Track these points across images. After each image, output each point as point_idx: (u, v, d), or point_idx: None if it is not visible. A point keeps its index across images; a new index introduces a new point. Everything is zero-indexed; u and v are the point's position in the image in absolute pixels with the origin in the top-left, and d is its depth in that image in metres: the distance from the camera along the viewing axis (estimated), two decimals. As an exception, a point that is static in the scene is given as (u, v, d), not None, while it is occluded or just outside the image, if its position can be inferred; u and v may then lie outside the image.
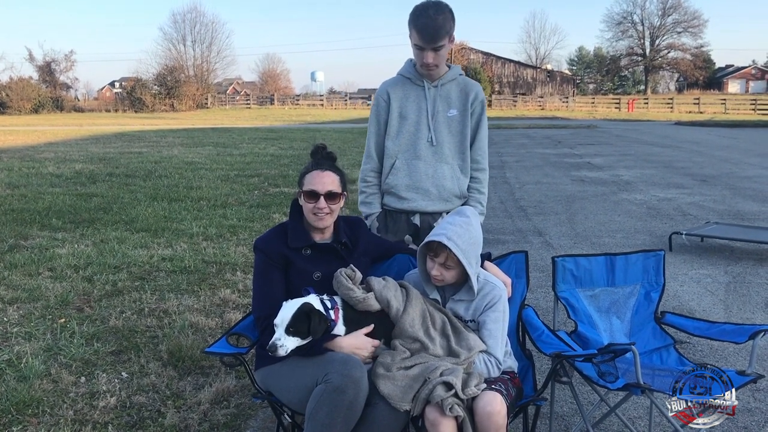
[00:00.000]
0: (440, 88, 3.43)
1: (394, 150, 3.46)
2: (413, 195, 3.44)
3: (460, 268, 2.70)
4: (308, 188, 2.87)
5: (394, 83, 3.51)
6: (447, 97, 3.44)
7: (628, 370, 2.85)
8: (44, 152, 18.14)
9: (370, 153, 3.55)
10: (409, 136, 3.44)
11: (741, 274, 6.31)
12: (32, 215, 8.82)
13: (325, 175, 2.89)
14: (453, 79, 3.46)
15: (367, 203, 3.55)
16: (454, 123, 3.45)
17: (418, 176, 3.42)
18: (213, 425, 3.40)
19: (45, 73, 61.22)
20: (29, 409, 3.53)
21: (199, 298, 5.40)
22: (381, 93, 3.51)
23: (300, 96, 71.97)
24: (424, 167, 3.43)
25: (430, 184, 3.42)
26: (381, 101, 3.50)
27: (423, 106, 3.43)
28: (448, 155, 3.44)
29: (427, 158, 3.43)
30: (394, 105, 3.45)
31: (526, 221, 9.09)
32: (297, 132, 28.05)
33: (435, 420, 2.43)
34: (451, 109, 3.44)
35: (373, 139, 3.53)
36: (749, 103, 50.75)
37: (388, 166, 3.48)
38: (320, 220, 2.87)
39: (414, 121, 3.44)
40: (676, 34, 79.87)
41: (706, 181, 12.95)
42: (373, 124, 3.54)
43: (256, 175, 13.34)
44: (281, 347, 2.51)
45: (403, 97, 3.46)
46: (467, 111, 3.45)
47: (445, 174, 3.43)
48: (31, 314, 4.98)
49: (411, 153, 3.44)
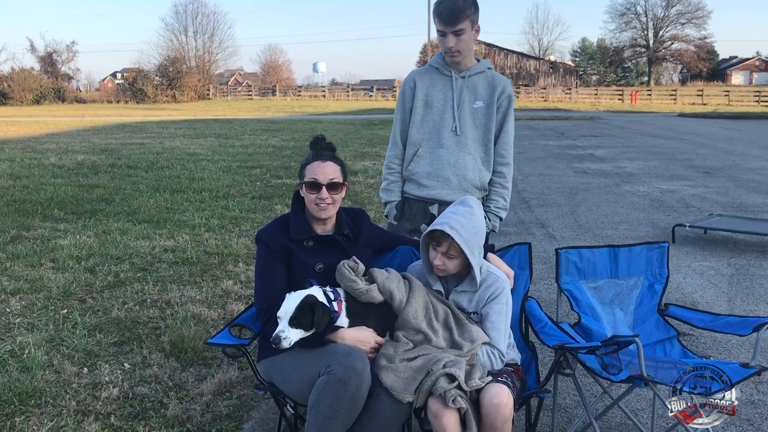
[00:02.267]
0: (467, 79, 3.43)
1: (417, 138, 3.48)
2: (434, 183, 3.44)
3: (462, 257, 2.69)
4: (310, 178, 2.85)
5: (422, 72, 3.53)
6: (474, 89, 3.44)
7: (632, 362, 2.84)
8: (46, 143, 18.14)
9: (396, 140, 3.57)
10: (434, 124, 3.45)
11: (744, 267, 6.30)
12: (34, 206, 8.83)
13: (326, 166, 2.88)
14: (481, 71, 3.46)
15: (388, 190, 3.57)
16: (479, 115, 3.44)
17: (440, 164, 3.43)
18: (215, 416, 3.41)
19: (47, 64, 61.20)
20: (32, 399, 3.54)
21: (202, 289, 5.40)
22: (408, 80, 3.53)
23: (302, 87, 71.92)
24: (447, 156, 3.42)
25: (451, 173, 3.42)
26: (407, 88, 3.52)
27: (449, 96, 3.43)
28: (471, 146, 3.44)
29: (450, 147, 3.43)
30: (419, 93, 3.46)
31: (529, 213, 9.07)
32: (299, 123, 28.00)
33: (438, 412, 2.42)
34: (477, 101, 3.44)
35: (399, 126, 3.55)
36: (753, 95, 50.54)
37: (411, 154, 3.49)
38: (322, 211, 2.86)
39: (439, 109, 3.44)
40: (680, 26, 79.69)
41: (710, 173, 12.91)
42: (399, 111, 3.56)
43: (258, 167, 13.32)
44: (285, 339, 2.51)
45: (430, 86, 3.47)
46: (493, 104, 3.44)
47: (467, 164, 3.43)
48: (34, 305, 4.99)
49: (435, 141, 3.44)
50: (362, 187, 10.89)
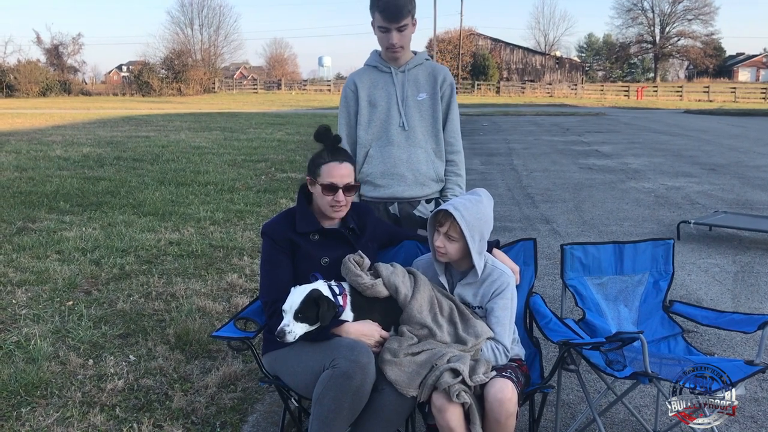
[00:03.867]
0: (407, 72, 3.43)
1: (366, 139, 3.45)
2: (389, 181, 3.42)
3: (463, 242, 2.69)
4: (327, 181, 2.82)
5: (361, 73, 3.50)
6: (415, 81, 3.44)
7: (636, 358, 2.84)
8: (52, 135, 18.18)
9: (343, 145, 3.53)
10: (381, 123, 3.43)
11: (749, 264, 6.29)
12: (40, 198, 8.86)
13: (343, 167, 2.85)
14: (420, 63, 3.46)
15: None
16: (424, 107, 3.44)
17: (393, 162, 3.41)
18: (220, 409, 3.42)
19: (53, 56, 61.22)
20: (38, 390, 3.56)
21: (206, 282, 5.42)
22: (348, 84, 3.50)
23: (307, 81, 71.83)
24: (398, 152, 3.41)
25: (405, 168, 3.41)
26: (348, 92, 3.48)
27: (392, 92, 3.42)
28: (421, 139, 3.43)
29: (401, 143, 3.42)
30: (362, 94, 3.44)
31: (534, 209, 9.06)
32: (304, 117, 27.99)
33: (442, 406, 2.43)
34: (421, 93, 3.43)
35: (345, 131, 3.51)
36: (760, 92, 50.36)
37: (362, 156, 3.46)
38: (337, 212, 2.86)
39: (384, 107, 3.43)
40: (687, 22, 79.36)
41: (715, 170, 12.87)
42: (342, 115, 3.52)
43: (263, 160, 13.33)
44: (289, 333, 2.52)
45: (371, 86, 3.45)
46: (437, 94, 3.45)
47: (420, 158, 3.42)
48: (39, 297, 5.01)
49: (384, 140, 3.43)
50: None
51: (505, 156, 15.21)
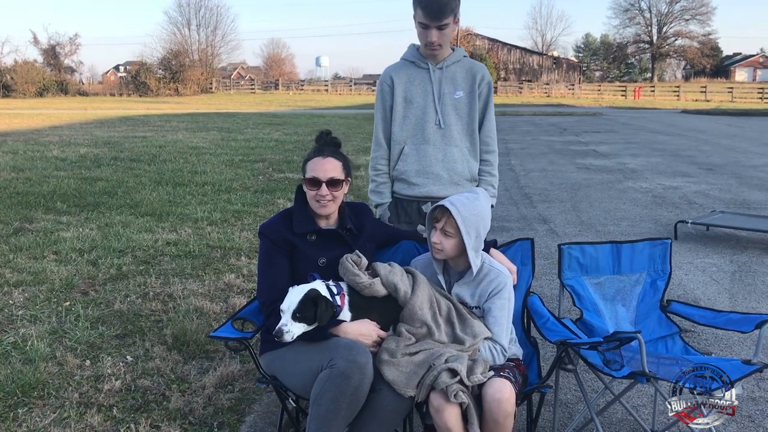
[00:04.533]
0: (445, 69, 3.37)
1: (401, 136, 3.42)
2: (424, 180, 3.39)
3: (459, 238, 2.69)
4: (310, 175, 2.84)
5: (398, 68, 3.45)
6: (453, 79, 3.39)
7: (633, 358, 2.84)
8: (49, 136, 18.15)
9: (379, 140, 3.49)
10: (416, 120, 3.39)
11: (747, 263, 6.29)
12: (37, 198, 8.84)
13: (326, 162, 2.85)
14: (458, 60, 3.41)
15: (378, 192, 3.51)
16: (461, 105, 3.39)
17: (428, 161, 3.38)
18: (217, 409, 3.41)
19: (49, 57, 61.16)
20: (35, 391, 3.55)
21: (204, 282, 5.41)
22: (384, 78, 3.46)
23: (305, 81, 71.85)
24: (434, 151, 3.38)
25: (440, 168, 3.38)
26: (384, 86, 3.45)
27: (429, 89, 3.37)
28: (457, 138, 3.39)
29: (436, 142, 3.38)
30: (398, 90, 3.40)
31: (531, 209, 9.06)
32: (301, 117, 27.98)
33: (439, 406, 2.43)
34: (458, 91, 3.39)
35: (381, 126, 3.48)
36: (756, 92, 50.43)
37: (397, 153, 3.43)
38: (323, 207, 2.85)
39: (420, 104, 3.38)
40: (684, 22, 79.45)
41: (712, 169, 12.88)
42: (379, 110, 3.48)
43: (261, 161, 13.32)
44: (287, 333, 2.51)
45: (408, 81, 3.40)
46: (474, 93, 3.40)
47: (455, 157, 3.39)
48: (36, 297, 5.00)
49: (419, 137, 3.39)
50: (364, 181, 10.87)
51: (503, 156, 15.20)
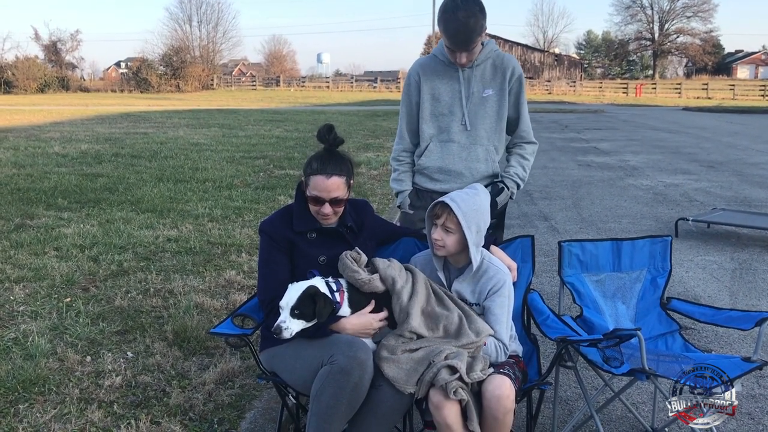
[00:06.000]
0: (475, 68, 3.35)
1: (428, 132, 3.43)
2: (445, 177, 3.42)
3: (460, 234, 2.69)
4: (313, 194, 2.79)
5: (426, 63, 3.43)
6: (482, 77, 3.36)
7: (633, 355, 2.84)
8: (50, 132, 18.15)
9: (402, 134, 3.52)
10: (443, 118, 3.40)
11: (747, 261, 6.29)
12: (38, 195, 8.84)
13: (330, 182, 2.77)
14: (488, 58, 3.36)
15: (399, 180, 3.54)
16: (490, 103, 3.38)
17: (452, 159, 3.40)
18: (218, 405, 3.42)
19: (51, 53, 61.12)
20: (35, 387, 3.55)
21: (205, 279, 5.41)
22: (412, 73, 3.46)
23: (306, 78, 71.82)
24: (458, 150, 3.39)
25: (463, 167, 3.40)
26: (411, 81, 3.45)
27: (456, 88, 3.36)
28: (483, 137, 3.40)
29: (461, 141, 3.39)
30: (425, 86, 3.39)
31: (532, 206, 9.06)
32: (302, 114, 27.96)
33: (439, 403, 2.43)
34: (487, 89, 3.36)
35: (405, 119, 3.50)
36: (758, 89, 50.27)
37: (423, 148, 3.46)
38: (324, 219, 2.85)
39: (447, 103, 3.38)
40: (686, 19, 79.30)
41: (714, 167, 12.87)
42: (404, 104, 3.50)
43: (262, 157, 13.32)
44: (286, 329, 2.51)
45: (436, 78, 3.39)
46: (504, 90, 3.38)
47: (479, 156, 3.40)
48: (37, 293, 5.00)
49: (444, 135, 3.40)
50: (365, 178, 10.88)
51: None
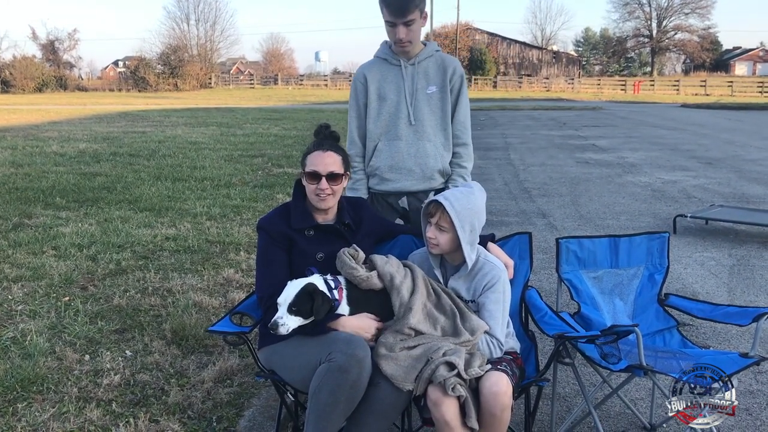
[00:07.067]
0: (417, 65, 3.42)
1: (375, 132, 3.47)
2: (396, 176, 3.45)
3: (454, 232, 2.70)
4: (310, 169, 2.85)
5: (371, 65, 3.50)
6: (425, 74, 3.44)
7: (631, 351, 2.85)
8: (48, 131, 18.13)
9: (353, 138, 3.56)
10: (389, 116, 3.45)
11: (745, 257, 6.30)
12: (36, 194, 8.84)
13: (326, 156, 2.86)
14: (430, 55, 3.46)
15: (353, 189, 3.55)
16: (433, 100, 3.44)
17: (400, 156, 3.44)
18: (216, 403, 3.42)
19: (48, 52, 61.03)
20: (34, 386, 3.56)
21: (203, 277, 5.41)
22: (358, 76, 3.51)
23: (304, 76, 71.72)
24: (406, 147, 3.43)
25: (412, 163, 3.43)
26: (358, 84, 3.50)
27: (401, 86, 3.42)
28: (430, 132, 3.44)
29: (408, 137, 3.43)
30: (371, 87, 3.45)
31: (530, 203, 9.07)
32: (301, 112, 27.94)
33: (437, 400, 2.43)
34: (430, 86, 3.43)
35: (355, 123, 3.54)
36: (756, 86, 50.32)
37: (371, 149, 3.49)
38: (322, 201, 2.86)
39: (394, 101, 3.44)
40: (684, 16, 79.21)
41: (712, 163, 12.88)
42: (353, 108, 3.54)
43: (260, 156, 13.31)
44: (282, 326, 2.51)
45: (381, 78, 3.45)
46: (446, 87, 3.45)
47: (428, 152, 3.44)
48: (36, 292, 5.00)
49: (392, 133, 3.44)
50: (364, 176, 10.86)
51: (502, 150, 15.21)
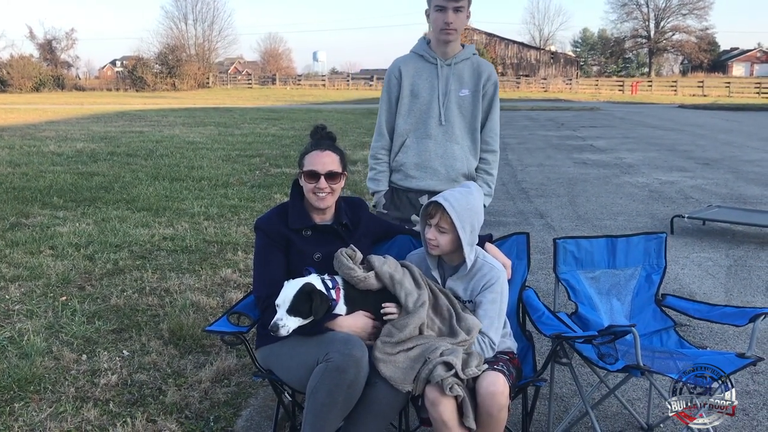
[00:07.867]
0: (453, 66, 3.40)
1: (404, 128, 3.46)
2: (421, 174, 3.44)
3: (454, 234, 2.70)
4: (308, 168, 2.85)
5: (407, 60, 3.48)
6: (459, 77, 3.42)
7: (628, 352, 2.86)
8: (45, 131, 18.09)
9: (381, 130, 3.54)
10: (420, 114, 3.43)
11: (742, 258, 6.31)
12: (33, 193, 8.82)
13: (325, 155, 2.87)
14: (467, 58, 3.44)
15: (376, 180, 3.55)
16: (465, 103, 3.43)
17: (428, 155, 3.43)
18: (213, 403, 3.42)
19: (46, 51, 61.03)
20: (31, 385, 3.55)
21: (200, 277, 5.41)
22: (393, 70, 3.49)
23: (302, 76, 71.72)
24: (434, 146, 3.42)
25: (439, 163, 3.43)
26: (392, 78, 3.48)
27: (435, 84, 3.41)
28: (459, 135, 3.44)
29: (438, 137, 3.42)
30: (405, 82, 3.44)
31: (528, 203, 9.07)
32: (299, 112, 27.93)
33: (435, 399, 2.43)
34: (463, 89, 3.42)
35: (384, 116, 3.52)
36: (753, 87, 50.44)
37: (398, 144, 3.48)
38: (321, 201, 2.86)
39: (426, 99, 3.42)
40: (681, 16, 79.37)
41: (709, 164, 12.90)
42: (384, 101, 3.52)
43: (258, 156, 13.31)
44: (283, 327, 2.51)
45: (415, 75, 3.44)
46: (479, 92, 3.43)
47: (455, 154, 3.43)
48: (33, 292, 4.99)
49: (421, 131, 3.43)
50: (361, 176, 10.87)
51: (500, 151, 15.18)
